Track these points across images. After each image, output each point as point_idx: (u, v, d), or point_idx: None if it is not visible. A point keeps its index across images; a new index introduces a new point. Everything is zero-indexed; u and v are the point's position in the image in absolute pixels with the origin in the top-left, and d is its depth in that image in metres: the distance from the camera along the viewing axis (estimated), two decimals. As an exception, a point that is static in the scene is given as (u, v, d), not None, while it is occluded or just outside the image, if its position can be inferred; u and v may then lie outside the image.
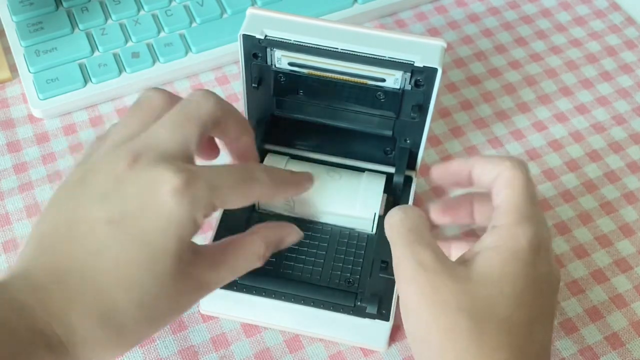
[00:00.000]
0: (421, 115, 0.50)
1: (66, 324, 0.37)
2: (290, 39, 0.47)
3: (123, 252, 0.38)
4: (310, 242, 0.51)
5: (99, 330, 0.38)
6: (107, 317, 0.38)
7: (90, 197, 0.39)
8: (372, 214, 0.51)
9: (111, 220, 0.38)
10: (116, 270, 0.38)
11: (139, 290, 0.38)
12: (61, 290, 0.37)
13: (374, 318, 0.48)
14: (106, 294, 0.38)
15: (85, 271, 0.38)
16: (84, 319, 0.37)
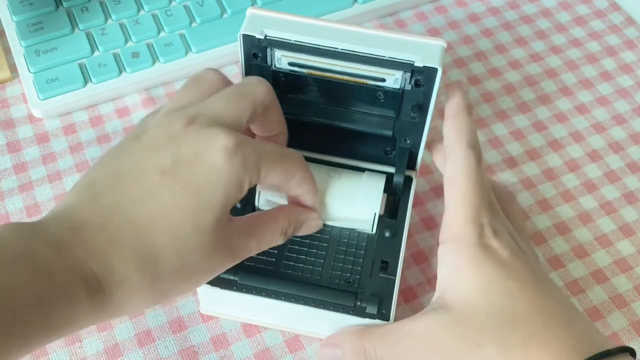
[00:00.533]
0: (421, 115, 0.50)
1: (105, 264, 0.38)
2: (290, 39, 0.47)
3: (171, 200, 0.39)
4: (310, 242, 0.51)
5: (136, 273, 0.39)
6: (145, 261, 0.39)
7: (143, 150, 0.41)
8: (372, 214, 0.51)
9: (163, 169, 0.40)
10: (161, 217, 0.39)
11: (180, 240, 0.40)
12: (103, 231, 0.39)
13: (374, 318, 0.48)
14: (148, 239, 0.39)
15: (129, 215, 0.39)
16: (123, 260, 0.38)
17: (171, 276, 0.40)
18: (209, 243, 0.41)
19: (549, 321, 0.42)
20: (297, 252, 0.50)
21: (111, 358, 0.50)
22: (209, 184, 0.40)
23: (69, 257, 0.37)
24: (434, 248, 0.55)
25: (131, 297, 0.39)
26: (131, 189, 0.40)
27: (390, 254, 0.50)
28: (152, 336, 0.51)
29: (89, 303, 0.38)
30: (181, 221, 0.40)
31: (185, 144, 0.41)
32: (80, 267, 0.37)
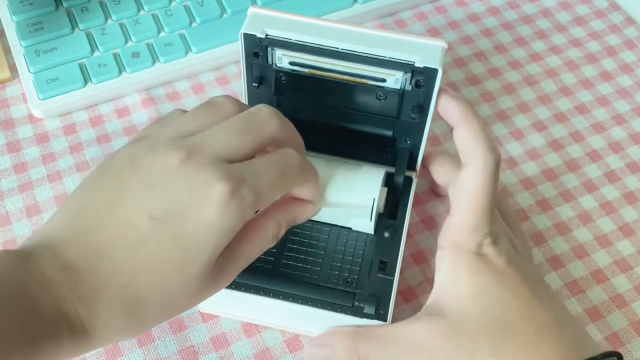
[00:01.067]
0: (421, 116, 0.50)
1: (92, 310, 0.38)
2: (291, 38, 0.47)
3: (158, 250, 0.39)
4: (309, 241, 0.51)
5: (120, 319, 0.39)
6: (131, 309, 0.39)
7: (136, 186, 0.40)
8: (371, 200, 0.50)
9: (153, 216, 0.39)
10: (148, 267, 0.39)
11: (165, 289, 0.40)
12: (92, 276, 0.39)
13: (372, 318, 0.48)
14: (134, 288, 0.39)
15: (117, 261, 0.39)
16: (109, 307, 0.39)
17: (154, 319, 0.41)
18: (195, 289, 0.41)
19: (540, 329, 0.42)
20: (296, 252, 0.50)
21: (111, 358, 0.50)
22: (198, 238, 0.39)
23: (58, 300, 0.38)
24: (433, 248, 0.55)
25: (113, 338, 0.41)
26: (121, 231, 0.39)
27: (389, 254, 0.50)
28: (152, 336, 0.51)
29: (72, 344, 0.38)
30: (168, 272, 0.40)
31: (179, 188, 0.40)
32: (68, 312, 0.38)
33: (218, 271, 0.42)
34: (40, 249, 0.39)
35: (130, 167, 0.41)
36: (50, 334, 0.37)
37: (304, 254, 0.51)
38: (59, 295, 0.38)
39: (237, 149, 0.42)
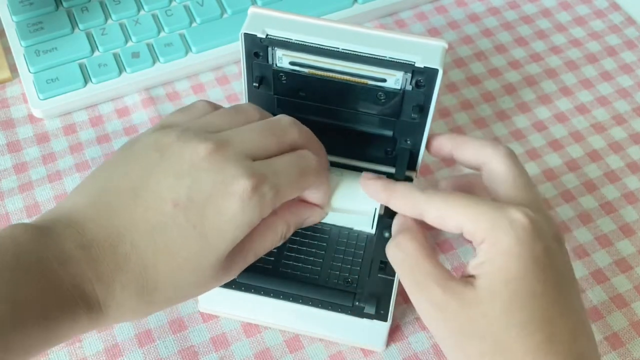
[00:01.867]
0: (422, 116, 0.50)
1: (109, 289, 0.39)
2: (292, 38, 0.47)
3: (179, 237, 0.40)
4: (309, 241, 0.51)
5: (134, 300, 0.40)
6: (145, 292, 0.40)
7: (163, 172, 0.41)
8: (373, 208, 0.50)
9: (177, 203, 0.40)
10: (167, 251, 0.40)
11: (180, 276, 0.41)
12: (112, 256, 0.40)
13: (372, 318, 0.48)
14: (151, 272, 0.40)
15: (138, 243, 0.40)
16: (125, 287, 0.40)
17: (164, 303, 0.42)
18: (206, 278, 0.42)
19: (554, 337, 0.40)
20: (296, 252, 0.50)
21: (111, 358, 0.50)
22: (219, 229, 0.41)
23: (77, 276, 0.38)
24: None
25: (124, 317, 0.41)
26: (144, 215, 0.40)
27: None
28: (152, 336, 0.51)
29: (87, 320, 0.39)
30: (186, 259, 0.41)
31: (205, 178, 0.41)
32: (85, 288, 0.39)
33: (228, 263, 0.43)
34: (61, 224, 0.40)
35: (158, 153, 0.42)
36: (67, 309, 0.38)
37: (304, 254, 0.51)
38: (78, 272, 0.38)
39: (260, 149, 0.43)
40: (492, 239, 0.40)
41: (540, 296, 0.40)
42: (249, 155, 0.42)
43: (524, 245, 0.40)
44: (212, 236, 0.41)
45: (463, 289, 0.40)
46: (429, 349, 0.51)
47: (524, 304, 0.39)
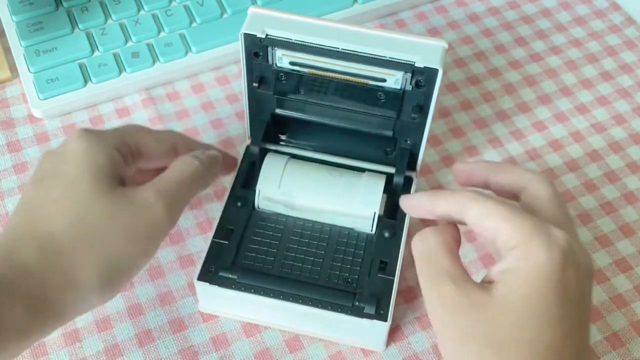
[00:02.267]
0: (422, 116, 0.50)
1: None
2: (292, 38, 0.47)
3: (54, 196, 0.43)
4: (309, 241, 0.51)
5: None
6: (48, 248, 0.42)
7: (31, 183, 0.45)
8: (372, 212, 0.51)
9: (35, 178, 0.45)
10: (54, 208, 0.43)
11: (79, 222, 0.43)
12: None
13: (372, 318, 0.47)
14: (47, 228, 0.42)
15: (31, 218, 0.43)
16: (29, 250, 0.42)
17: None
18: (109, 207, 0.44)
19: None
20: (296, 252, 0.50)
21: (111, 358, 0.50)
22: (72, 167, 0.44)
23: None
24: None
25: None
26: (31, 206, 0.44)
27: (390, 254, 0.50)
28: (152, 336, 0.51)
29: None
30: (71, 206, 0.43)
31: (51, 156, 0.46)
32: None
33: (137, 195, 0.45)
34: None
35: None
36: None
37: (304, 254, 0.51)
38: None
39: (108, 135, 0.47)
40: (526, 248, 0.39)
41: (554, 324, 0.38)
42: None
43: (556, 266, 0.38)
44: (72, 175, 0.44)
45: (478, 291, 0.39)
46: (429, 349, 0.51)
47: (536, 325, 0.38)
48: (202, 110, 0.63)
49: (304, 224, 0.52)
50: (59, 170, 0.44)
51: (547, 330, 0.38)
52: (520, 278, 0.39)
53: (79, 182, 0.44)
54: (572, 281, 0.39)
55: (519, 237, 0.39)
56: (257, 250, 0.51)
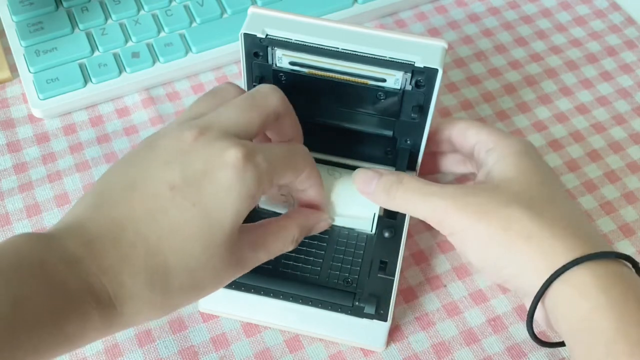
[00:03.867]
0: (422, 116, 0.50)
1: (117, 282, 0.39)
2: (292, 38, 0.47)
3: (181, 217, 0.40)
4: (309, 241, 0.51)
5: (146, 290, 0.39)
6: (156, 278, 0.40)
7: (155, 162, 0.41)
8: (372, 212, 0.51)
9: (173, 184, 0.40)
10: (171, 234, 0.40)
11: (189, 258, 0.40)
12: (115, 247, 0.39)
13: (372, 318, 0.48)
14: (158, 256, 0.40)
15: (141, 231, 0.40)
16: (134, 278, 0.39)
17: (181, 291, 0.41)
18: (219, 259, 0.41)
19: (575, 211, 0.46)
20: (296, 251, 0.50)
21: (111, 358, 0.50)
22: (219, 202, 0.40)
23: (82, 272, 0.38)
24: (434, 248, 0.56)
25: (141, 312, 0.40)
26: (143, 203, 0.40)
27: (389, 254, 0.50)
28: (152, 336, 0.51)
29: (99, 318, 0.38)
30: (191, 239, 0.40)
31: (195, 158, 0.41)
32: (93, 283, 0.38)
33: (239, 251, 0.43)
34: (62, 230, 0.40)
35: (150, 151, 0.42)
36: (75, 306, 0.37)
37: (304, 254, 0.51)
38: (82, 268, 0.38)
39: (244, 125, 0.43)
40: (505, 143, 0.48)
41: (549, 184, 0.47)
42: (233, 132, 0.42)
43: (532, 149, 0.49)
44: (213, 210, 0.40)
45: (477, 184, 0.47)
46: (429, 348, 0.51)
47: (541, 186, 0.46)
48: (202, 110, 0.63)
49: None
50: (204, 192, 0.40)
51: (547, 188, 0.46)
52: (509, 162, 0.47)
53: (216, 230, 0.41)
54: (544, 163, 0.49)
55: (495, 139, 0.49)
56: None
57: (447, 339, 0.52)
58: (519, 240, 0.44)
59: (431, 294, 0.54)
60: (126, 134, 0.62)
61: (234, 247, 0.42)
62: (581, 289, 0.42)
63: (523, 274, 0.44)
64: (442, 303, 0.53)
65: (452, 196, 0.46)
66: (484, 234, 0.45)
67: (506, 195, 0.45)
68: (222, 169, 0.40)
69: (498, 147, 0.49)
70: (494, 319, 0.52)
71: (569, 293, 0.42)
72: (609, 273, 0.42)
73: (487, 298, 0.53)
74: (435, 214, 0.46)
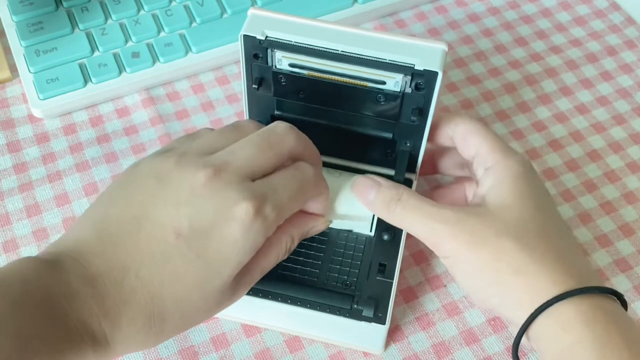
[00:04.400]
0: (421, 119, 0.49)
1: (116, 324, 0.39)
2: (291, 40, 0.47)
3: (183, 267, 0.40)
4: (308, 243, 0.51)
5: (142, 334, 0.40)
6: (152, 323, 0.40)
7: (164, 202, 0.41)
8: (371, 214, 0.51)
9: (179, 233, 0.40)
10: (172, 282, 0.40)
11: (187, 304, 0.41)
12: (117, 290, 0.39)
13: (370, 321, 0.48)
14: (157, 302, 0.40)
15: (143, 275, 0.40)
16: (132, 322, 0.40)
17: (173, 332, 0.42)
18: (213, 302, 0.42)
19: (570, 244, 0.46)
20: (295, 254, 0.50)
21: (111, 359, 0.50)
22: (222, 255, 0.41)
23: (83, 311, 0.38)
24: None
25: (132, 350, 0.41)
26: (147, 245, 0.40)
27: (388, 256, 0.50)
28: (153, 337, 0.51)
29: (92, 354, 0.39)
30: (191, 288, 0.41)
31: (205, 206, 0.41)
32: (91, 323, 0.39)
33: (235, 285, 0.43)
34: (66, 258, 0.40)
35: (157, 181, 0.42)
36: (73, 344, 0.38)
37: (303, 256, 0.51)
38: (85, 307, 0.38)
39: (259, 165, 0.43)
40: (504, 164, 0.47)
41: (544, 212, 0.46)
42: (248, 174, 0.42)
43: (532, 172, 0.48)
44: (216, 263, 0.41)
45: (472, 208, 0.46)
46: (429, 348, 0.51)
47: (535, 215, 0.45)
48: (202, 110, 0.63)
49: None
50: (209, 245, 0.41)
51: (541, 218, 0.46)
52: (507, 186, 0.46)
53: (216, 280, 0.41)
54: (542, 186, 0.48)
55: (495, 158, 0.48)
56: None
57: (447, 339, 0.52)
58: (507, 273, 0.44)
59: (431, 294, 0.54)
60: (126, 134, 0.62)
61: (229, 290, 0.43)
62: (564, 323, 0.42)
63: (509, 306, 0.44)
64: (442, 303, 0.53)
65: (447, 221, 0.45)
66: (474, 262, 0.45)
67: (499, 224, 0.45)
68: (230, 224, 0.40)
69: (496, 167, 0.48)
70: (493, 319, 0.53)
71: (553, 328, 0.42)
72: (592, 307, 0.42)
73: (487, 298, 0.53)
74: (430, 236, 0.46)
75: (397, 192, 0.47)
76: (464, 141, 0.50)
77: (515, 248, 0.44)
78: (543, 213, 0.46)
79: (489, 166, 0.48)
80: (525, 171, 0.47)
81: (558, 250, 0.45)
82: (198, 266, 0.40)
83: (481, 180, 0.48)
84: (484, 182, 0.48)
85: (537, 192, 0.47)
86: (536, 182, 0.48)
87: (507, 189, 0.46)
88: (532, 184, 0.47)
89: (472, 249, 0.44)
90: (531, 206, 0.46)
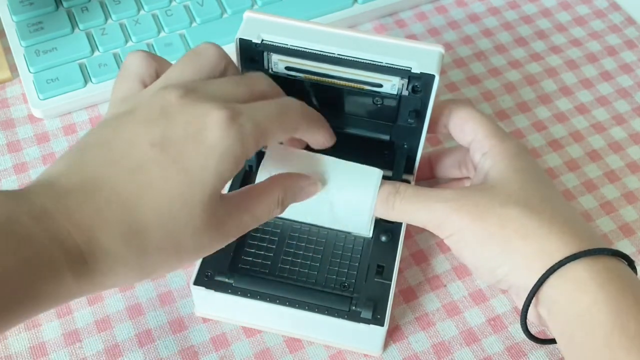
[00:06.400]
0: (418, 121, 0.49)
1: (89, 236, 0.37)
2: (287, 43, 0.47)
3: (161, 174, 0.38)
4: (306, 245, 0.51)
5: (122, 246, 0.37)
6: (132, 235, 0.38)
7: (136, 122, 0.40)
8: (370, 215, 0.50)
9: (154, 142, 0.39)
10: (150, 191, 0.38)
11: (168, 216, 0.38)
12: (88, 201, 0.37)
13: (369, 323, 0.47)
14: (135, 213, 0.38)
15: (117, 186, 0.38)
16: (108, 232, 0.37)
17: (158, 252, 0.39)
18: (199, 221, 0.39)
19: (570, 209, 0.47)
20: (292, 256, 0.50)
21: (111, 358, 0.50)
22: (200, 161, 0.39)
23: (51, 227, 0.36)
24: (433, 248, 0.56)
25: (115, 271, 0.38)
26: (121, 160, 0.39)
27: (387, 258, 0.50)
28: (152, 336, 0.51)
29: (71, 275, 0.36)
30: (170, 197, 0.38)
31: (178, 117, 0.39)
32: (63, 238, 0.36)
33: (223, 214, 0.41)
34: (36, 185, 0.38)
35: (130, 114, 0.41)
36: (47, 264, 0.35)
37: (300, 258, 0.51)
38: (53, 224, 0.36)
39: (230, 94, 0.42)
40: (500, 148, 0.48)
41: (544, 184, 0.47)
42: (219, 97, 0.41)
43: (526, 152, 0.49)
44: (194, 169, 0.39)
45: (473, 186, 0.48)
46: (429, 348, 0.51)
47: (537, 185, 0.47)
48: (202, 110, 0.63)
49: (301, 227, 0.52)
50: (186, 151, 0.39)
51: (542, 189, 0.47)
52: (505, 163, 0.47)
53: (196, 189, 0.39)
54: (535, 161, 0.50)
55: (491, 143, 0.49)
56: (254, 254, 0.51)
57: (447, 339, 0.52)
58: (516, 239, 0.44)
59: (431, 294, 0.54)
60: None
61: (214, 210, 0.40)
62: (580, 283, 0.42)
63: (519, 271, 0.44)
64: (442, 303, 0.53)
65: (449, 198, 0.46)
66: (480, 233, 0.45)
67: (503, 195, 0.45)
68: (205, 129, 0.39)
69: (492, 152, 0.49)
70: (493, 319, 0.53)
71: (569, 287, 0.42)
72: (605, 269, 0.43)
73: (487, 298, 0.54)
74: (434, 217, 0.46)
75: (394, 186, 0.48)
76: (460, 128, 0.51)
77: (522, 214, 0.44)
78: (544, 184, 0.47)
79: (485, 151, 0.49)
80: (521, 152, 0.48)
81: (564, 214, 0.45)
82: (176, 172, 0.38)
83: (479, 164, 0.49)
84: (483, 165, 0.49)
85: (535, 167, 0.48)
86: (532, 161, 0.49)
87: (506, 165, 0.47)
88: (529, 162, 0.48)
89: (477, 220, 0.45)
90: (531, 179, 0.47)
